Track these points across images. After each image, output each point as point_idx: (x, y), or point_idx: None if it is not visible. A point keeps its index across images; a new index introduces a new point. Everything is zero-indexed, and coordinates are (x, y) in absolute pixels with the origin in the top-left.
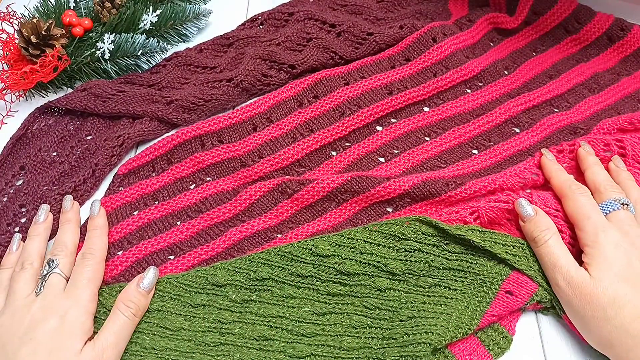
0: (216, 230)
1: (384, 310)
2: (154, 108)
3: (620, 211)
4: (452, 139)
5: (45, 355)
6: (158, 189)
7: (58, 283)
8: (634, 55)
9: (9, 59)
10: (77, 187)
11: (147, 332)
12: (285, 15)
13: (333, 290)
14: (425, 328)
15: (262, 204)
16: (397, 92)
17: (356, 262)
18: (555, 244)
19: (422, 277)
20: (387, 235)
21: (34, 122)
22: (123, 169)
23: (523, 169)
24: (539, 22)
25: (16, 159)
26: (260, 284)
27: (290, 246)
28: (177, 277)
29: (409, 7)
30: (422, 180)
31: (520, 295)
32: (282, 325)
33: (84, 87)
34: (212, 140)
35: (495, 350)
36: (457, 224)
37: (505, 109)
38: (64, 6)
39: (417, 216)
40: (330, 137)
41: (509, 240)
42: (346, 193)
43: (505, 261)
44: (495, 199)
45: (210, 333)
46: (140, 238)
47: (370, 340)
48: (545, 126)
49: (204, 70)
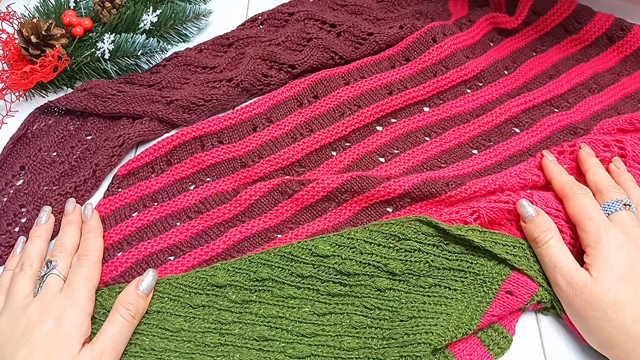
0: (216, 230)
1: (384, 310)
2: (154, 108)
3: (622, 212)
4: (452, 139)
5: (42, 358)
6: (157, 190)
7: (56, 284)
8: (633, 55)
9: (9, 59)
10: (77, 188)
11: (146, 333)
12: (285, 15)
13: (333, 291)
14: (425, 328)
15: (262, 204)
16: (397, 92)
17: (356, 262)
18: (556, 245)
19: (422, 277)
20: (387, 235)
21: (34, 122)
22: (122, 170)
23: (524, 169)
24: (539, 22)
25: (16, 159)
26: (260, 285)
27: (290, 246)
28: (176, 278)
29: (409, 7)
30: (422, 180)
31: (521, 295)
32: (282, 326)
33: (84, 87)
34: (212, 141)
35: (495, 351)
36: (458, 224)
37: (505, 109)
38: (64, 6)
39: (417, 216)
40: (330, 137)
41: (510, 240)
42: (346, 193)
43: (506, 261)
44: (496, 199)
45: (210, 334)
46: (140, 239)
47: (370, 340)
48: (545, 126)
49: (204, 70)
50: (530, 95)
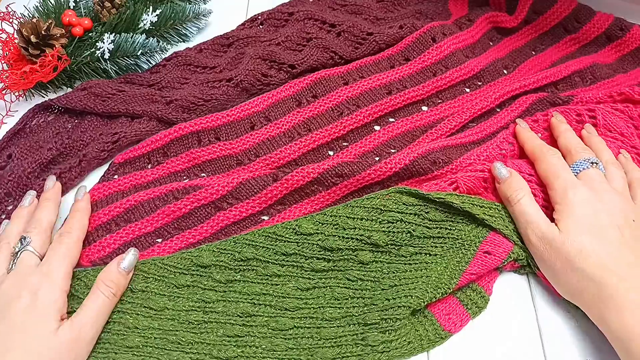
0: (203, 212)
1: (366, 281)
2: (154, 108)
3: (589, 169)
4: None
5: (21, 335)
6: (152, 180)
7: (29, 259)
8: (631, 54)
9: (9, 58)
10: (61, 174)
11: (130, 312)
12: (285, 15)
13: (317, 267)
14: (405, 292)
15: (251, 185)
16: (397, 92)
17: (339, 238)
18: (528, 203)
19: (403, 246)
20: (370, 209)
21: (33, 117)
22: (120, 158)
23: (501, 139)
24: (538, 21)
25: (6, 150)
26: (244, 264)
27: (274, 227)
28: (162, 259)
29: (409, 7)
30: (411, 160)
31: (498, 254)
32: (266, 302)
33: (84, 86)
34: (209, 137)
35: (474, 310)
36: (438, 191)
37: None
38: (63, 6)
39: (397, 187)
40: (328, 137)
41: (486, 203)
42: (336, 177)
43: (483, 224)
44: (472, 168)
45: (194, 312)
46: (128, 221)
47: (352, 309)
48: (521, 102)
49: (204, 70)
50: (525, 80)
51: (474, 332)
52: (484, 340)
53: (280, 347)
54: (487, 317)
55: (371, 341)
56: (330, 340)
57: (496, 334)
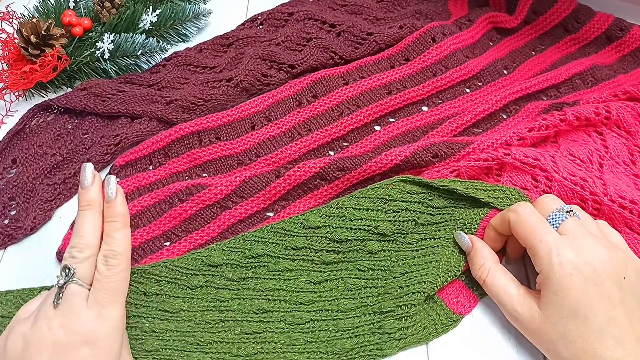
0: (209, 212)
1: (377, 270)
2: (154, 108)
3: (568, 220)
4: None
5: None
6: (154, 181)
7: (78, 294)
8: (631, 54)
9: (9, 58)
10: (66, 180)
11: (146, 316)
12: (285, 15)
13: (327, 259)
14: (418, 279)
15: (254, 183)
16: (397, 92)
17: (347, 229)
18: (494, 279)
19: (409, 234)
20: (375, 199)
21: (32, 118)
22: (120, 160)
23: (510, 134)
24: (538, 21)
25: (9, 153)
26: (255, 261)
27: (282, 222)
28: (172, 261)
29: (408, 7)
30: (412, 152)
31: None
32: (280, 297)
33: (84, 86)
34: (209, 137)
35: (480, 291)
36: (440, 178)
37: (499, 97)
38: (63, 6)
39: (401, 177)
40: (328, 137)
41: (489, 186)
42: (338, 170)
43: (485, 204)
44: (475, 157)
45: (209, 312)
46: (135, 227)
47: (366, 298)
48: (529, 110)
49: (204, 70)
50: (526, 83)
51: (474, 328)
52: (484, 337)
53: (298, 341)
54: (487, 315)
55: (388, 329)
56: (348, 331)
57: (496, 330)
